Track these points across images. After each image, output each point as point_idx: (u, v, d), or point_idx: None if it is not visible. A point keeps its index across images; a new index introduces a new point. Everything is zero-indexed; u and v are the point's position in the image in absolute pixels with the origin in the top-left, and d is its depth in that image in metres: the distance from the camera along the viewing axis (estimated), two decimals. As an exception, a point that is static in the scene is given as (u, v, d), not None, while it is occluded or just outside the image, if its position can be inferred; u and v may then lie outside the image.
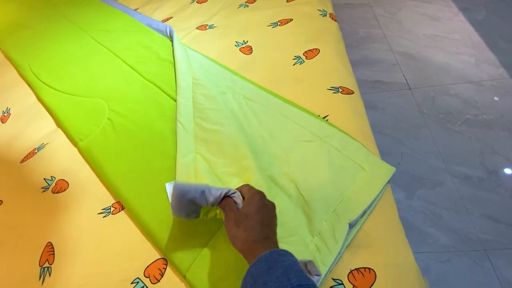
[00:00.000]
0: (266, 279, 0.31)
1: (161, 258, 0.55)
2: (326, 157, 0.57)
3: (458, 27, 1.54)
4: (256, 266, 0.34)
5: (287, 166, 0.57)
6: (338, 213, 0.49)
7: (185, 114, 0.67)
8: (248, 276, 0.34)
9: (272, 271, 0.32)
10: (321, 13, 0.94)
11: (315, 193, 0.52)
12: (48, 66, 0.98)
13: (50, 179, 0.71)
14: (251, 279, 0.33)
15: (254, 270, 0.34)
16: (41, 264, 0.59)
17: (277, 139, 0.62)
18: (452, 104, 1.26)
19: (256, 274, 0.33)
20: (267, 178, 0.55)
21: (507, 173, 1.05)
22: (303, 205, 0.51)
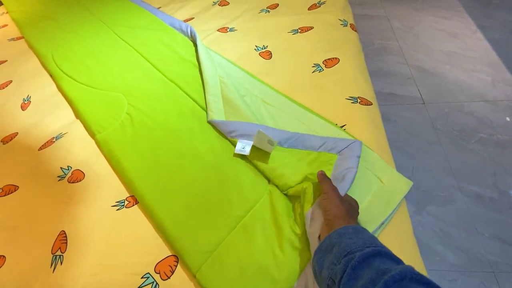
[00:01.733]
0: (352, 236, 0.35)
1: (172, 255, 0.55)
2: (343, 166, 0.57)
3: (476, 44, 1.54)
4: (343, 229, 0.38)
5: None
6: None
7: (216, 111, 0.68)
8: (334, 234, 0.37)
9: (358, 234, 0.36)
10: (342, 23, 0.94)
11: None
12: (70, 57, 1.00)
13: (67, 169, 0.73)
14: (336, 235, 0.37)
15: (341, 230, 0.37)
16: (53, 252, 0.60)
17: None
18: (466, 121, 1.25)
19: (344, 232, 0.37)
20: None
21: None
22: None
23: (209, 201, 0.57)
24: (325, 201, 0.45)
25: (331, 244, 0.36)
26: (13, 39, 1.23)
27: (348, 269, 0.31)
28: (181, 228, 0.54)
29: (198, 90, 0.78)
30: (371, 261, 0.31)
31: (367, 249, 0.32)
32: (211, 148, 0.65)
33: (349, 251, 0.33)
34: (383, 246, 0.34)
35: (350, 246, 0.33)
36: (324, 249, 0.37)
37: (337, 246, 0.35)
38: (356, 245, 0.33)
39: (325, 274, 0.34)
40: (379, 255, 0.32)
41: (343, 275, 0.31)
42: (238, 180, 0.59)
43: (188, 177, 0.61)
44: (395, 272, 0.28)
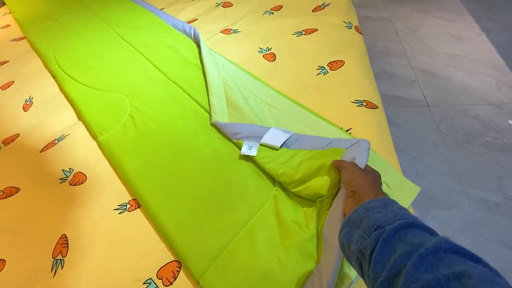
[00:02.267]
0: (382, 210, 0.34)
1: (175, 260, 0.54)
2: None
3: (480, 47, 1.53)
4: (371, 202, 0.36)
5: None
6: None
7: (220, 113, 0.67)
8: (363, 208, 0.36)
9: (387, 207, 0.34)
10: (347, 25, 0.94)
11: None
12: (73, 58, 1.00)
13: (69, 171, 0.72)
14: (364, 209, 0.36)
15: (369, 204, 0.36)
16: (54, 256, 0.59)
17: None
18: (471, 125, 1.23)
19: (372, 206, 0.35)
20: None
21: (526, 201, 1.02)
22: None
23: (212, 205, 0.56)
24: (347, 173, 0.44)
25: (359, 218, 0.35)
26: (16, 40, 1.23)
27: (380, 242, 0.30)
28: (184, 232, 0.53)
29: (201, 92, 0.77)
30: (403, 234, 0.30)
31: (398, 221, 0.31)
32: (214, 151, 0.64)
33: (379, 225, 0.31)
34: (415, 217, 0.33)
35: (380, 220, 0.32)
36: (352, 223, 0.36)
37: (366, 220, 0.33)
38: (386, 218, 0.32)
39: (354, 247, 0.33)
40: (411, 227, 0.30)
41: (374, 248, 0.30)
42: (242, 184, 0.58)
43: (191, 180, 0.60)
44: (430, 244, 0.27)
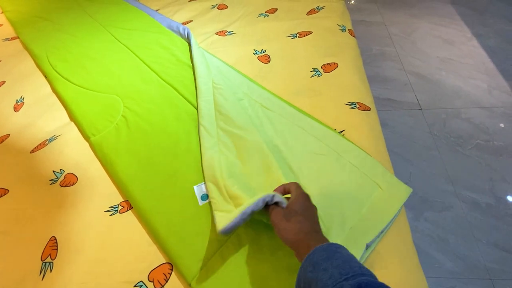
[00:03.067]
0: (327, 266, 0.32)
1: (166, 262, 0.54)
2: (342, 172, 0.56)
3: (472, 52, 1.55)
4: (315, 254, 0.34)
5: (302, 178, 0.56)
6: (354, 231, 0.47)
7: (207, 116, 0.67)
8: (307, 263, 0.34)
9: (332, 260, 0.32)
10: (341, 28, 0.95)
11: (330, 209, 0.51)
12: (66, 58, 0.99)
13: (59, 172, 0.71)
14: (310, 266, 0.34)
15: (313, 257, 0.34)
16: (43, 259, 0.58)
17: (293, 150, 0.61)
18: (463, 128, 1.25)
19: (316, 261, 0.34)
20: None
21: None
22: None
23: (205, 207, 0.56)
24: (272, 216, 0.42)
25: (308, 281, 0.33)
26: (8, 39, 1.22)
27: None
28: (176, 235, 0.53)
29: (195, 93, 0.77)
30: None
31: (344, 283, 0.29)
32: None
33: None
34: (362, 271, 0.31)
35: (327, 284, 0.30)
36: (303, 286, 0.34)
37: (314, 284, 0.32)
38: (332, 280, 0.30)
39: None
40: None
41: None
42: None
43: (185, 182, 0.60)
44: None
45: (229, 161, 0.58)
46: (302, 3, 1.06)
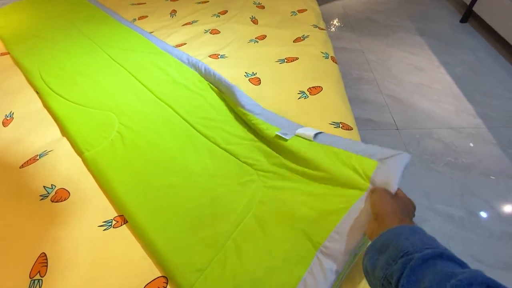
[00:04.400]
0: (409, 236, 0.34)
1: (161, 276, 0.55)
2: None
3: (440, 78, 1.72)
4: (398, 228, 0.36)
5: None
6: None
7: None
8: (389, 234, 0.36)
9: (416, 235, 0.34)
10: (324, 55, 1.04)
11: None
12: (59, 75, 1.00)
13: (50, 187, 0.70)
14: (391, 235, 0.36)
15: (396, 230, 0.36)
16: (32, 276, 0.57)
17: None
18: (435, 146, 1.36)
19: (399, 232, 0.35)
20: None
21: (484, 216, 1.12)
22: None
23: (200, 219, 0.58)
24: (375, 197, 0.45)
25: (385, 244, 0.34)
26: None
27: (407, 270, 0.29)
28: (172, 247, 0.54)
29: (190, 112, 0.81)
30: (432, 263, 0.29)
31: (426, 250, 0.30)
32: (203, 168, 0.67)
33: (406, 252, 0.31)
34: (444, 248, 0.32)
35: (407, 247, 0.31)
36: (378, 248, 0.35)
37: (393, 245, 0.33)
38: (413, 246, 0.31)
39: (379, 274, 0.32)
40: (440, 258, 0.30)
41: (400, 276, 0.29)
42: (228, 198, 0.60)
43: (180, 196, 0.62)
44: (463, 276, 0.26)
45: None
46: (289, 32, 1.16)
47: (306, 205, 0.56)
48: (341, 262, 0.48)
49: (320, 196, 0.57)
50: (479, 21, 2.05)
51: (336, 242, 0.50)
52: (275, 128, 0.70)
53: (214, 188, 0.63)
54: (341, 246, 0.49)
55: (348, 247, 0.49)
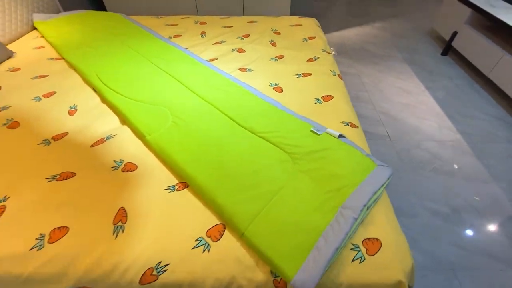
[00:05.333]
0: None
1: (220, 223, 0.71)
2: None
3: (425, 100, 2.00)
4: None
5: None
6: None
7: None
8: None
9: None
10: (332, 72, 1.28)
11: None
12: (115, 76, 1.19)
13: (120, 161, 0.87)
14: None
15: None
16: (115, 223, 0.72)
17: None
18: (422, 155, 1.59)
19: None
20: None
21: (465, 211, 1.32)
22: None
23: (248, 182, 0.76)
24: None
25: None
26: (52, 59, 1.41)
27: None
28: (228, 200, 0.71)
29: (229, 108, 1.01)
30: None
31: None
32: (246, 148, 0.86)
33: None
34: None
35: None
36: None
37: None
38: None
39: None
40: None
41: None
42: (270, 169, 0.79)
43: (229, 167, 0.80)
44: None
45: None
46: (303, 53, 1.41)
47: (331, 178, 0.76)
48: (358, 211, 0.67)
49: (340, 175, 0.76)
50: (457, 54, 2.40)
51: (353, 200, 0.69)
52: (308, 125, 0.91)
53: (257, 163, 0.81)
54: (357, 203, 0.68)
55: (361, 203, 0.68)
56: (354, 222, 0.66)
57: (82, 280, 0.66)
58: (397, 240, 0.69)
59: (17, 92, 1.17)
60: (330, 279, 0.63)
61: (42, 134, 0.97)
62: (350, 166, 0.78)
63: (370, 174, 0.77)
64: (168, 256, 0.66)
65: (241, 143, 0.88)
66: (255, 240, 0.64)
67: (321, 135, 0.88)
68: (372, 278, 0.63)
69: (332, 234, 0.64)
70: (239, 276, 0.64)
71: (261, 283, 0.63)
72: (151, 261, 0.65)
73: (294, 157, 0.83)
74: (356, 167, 0.78)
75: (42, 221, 0.72)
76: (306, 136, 0.88)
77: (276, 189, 0.74)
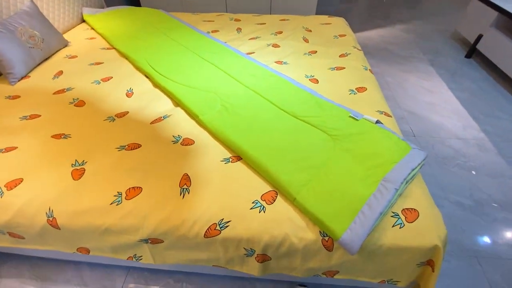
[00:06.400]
0: None
1: (272, 190, 0.80)
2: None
3: (448, 100, 2.04)
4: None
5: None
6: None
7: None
8: None
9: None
10: (364, 67, 1.36)
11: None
12: (165, 65, 1.31)
13: (178, 137, 0.98)
14: None
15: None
16: (181, 186, 0.82)
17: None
18: (447, 151, 1.64)
19: None
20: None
21: (488, 205, 1.37)
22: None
23: (296, 155, 0.85)
24: None
25: None
26: (104, 48, 1.55)
27: None
28: (281, 169, 0.81)
29: (272, 95, 1.10)
30: None
31: None
32: (291, 128, 0.95)
33: None
34: None
35: None
36: None
37: None
38: None
39: None
40: None
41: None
42: (314, 146, 0.88)
43: (279, 142, 0.90)
44: None
45: None
46: (335, 49, 1.50)
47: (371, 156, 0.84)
48: (398, 183, 0.75)
49: (379, 153, 0.85)
50: (481, 57, 2.42)
51: (393, 175, 0.78)
52: (347, 111, 1.00)
53: (302, 140, 0.90)
54: (397, 177, 0.77)
55: (401, 177, 0.76)
56: (395, 193, 0.74)
57: (155, 232, 0.76)
58: (432, 211, 0.76)
59: (78, 76, 1.30)
60: (372, 241, 0.71)
61: (106, 112, 1.10)
62: (388, 146, 0.86)
63: (407, 155, 0.85)
64: (229, 214, 0.76)
65: (286, 125, 0.97)
66: (306, 204, 0.73)
67: (359, 120, 0.97)
68: (411, 242, 0.71)
69: (376, 202, 0.72)
70: (291, 234, 0.73)
71: (311, 241, 0.72)
72: (214, 218, 0.75)
73: (335, 138, 0.92)
74: (393, 148, 0.86)
75: (118, 182, 0.83)
76: (345, 121, 0.97)
77: (322, 163, 0.83)
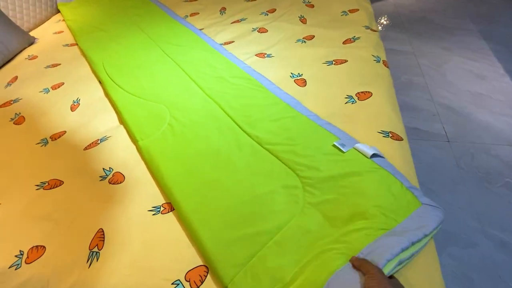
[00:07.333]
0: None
1: (203, 265, 0.58)
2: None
3: (504, 88, 1.54)
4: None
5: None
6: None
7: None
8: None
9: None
10: (375, 59, 0.99)
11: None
12: (120, 67, 1.09)
13: (108, 170, 0.78)
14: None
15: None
16: (91, 248, 0.63)
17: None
18: (492, 164, 1.23)
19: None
20: None
21: (547, 248, 0.99)
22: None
23: (243, 215, 0.60)
24: (372, 282, 0.44)
25: None
26: (67, 45, 1.36)
27: None
28: (215, 239, 0.57)
29: (236, 109, 0.83)
30: None
31: None
32: (247, 166, 0.69)
33: None
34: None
35: None
36: None
37: None
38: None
39: None
40: None
41: None
42: (272, 198, 0.62)
43: (224, 191, 0.65)
44: None
45: None
46: (339, 32, 1.13)
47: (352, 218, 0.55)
48: (382, 261, 0.47)
49: (365, 214, 0.56)
50: (560, 25, 1.79)
51: (380, 242, 0.50)
52: (332, 135, 0.70)
53: (257, 187, 0.64)
54: (383, 249, 0.49)
55: (388, 252, 0.48)
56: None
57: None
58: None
59: (30, 82, 1.14)
60: None
61: (42, 131, 0.93)
62: (382, 201, 0.57)
63: (408, 217, 0.55)
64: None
65: (243, 158, 0.71)
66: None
67: (347, 153, 0.66)
68: None
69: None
70: None
71: None
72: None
73: (305, 182, 0.63)
74: (390, 205, 0.56)
75: (23, 235, 0.67)
76: (326, 153, 0.67)
77: (277, 227, 0.57)
